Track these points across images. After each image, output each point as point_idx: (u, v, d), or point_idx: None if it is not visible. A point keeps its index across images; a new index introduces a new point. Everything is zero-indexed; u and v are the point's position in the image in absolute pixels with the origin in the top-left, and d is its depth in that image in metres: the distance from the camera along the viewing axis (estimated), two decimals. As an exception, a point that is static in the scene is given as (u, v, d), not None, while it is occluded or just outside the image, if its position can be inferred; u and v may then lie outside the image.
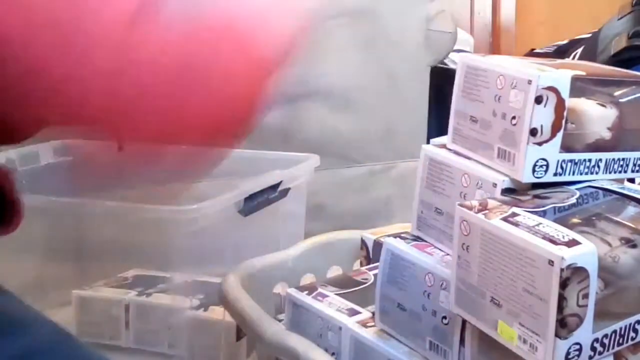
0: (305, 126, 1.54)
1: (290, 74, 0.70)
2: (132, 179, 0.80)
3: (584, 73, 0.70)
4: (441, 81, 1.74)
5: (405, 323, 0.76)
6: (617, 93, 0.72)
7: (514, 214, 0.63)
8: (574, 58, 1.89)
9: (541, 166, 0.68)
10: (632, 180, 0.78)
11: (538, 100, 0.66)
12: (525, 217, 0.62)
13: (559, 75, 0.67)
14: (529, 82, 0.67)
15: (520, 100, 0.67)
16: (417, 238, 0.79)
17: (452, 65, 1.96)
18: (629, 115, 0.72)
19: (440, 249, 0.76)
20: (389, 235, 0.93)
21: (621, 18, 1.82)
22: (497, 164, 0.70)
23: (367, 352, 0.78)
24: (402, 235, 0.80)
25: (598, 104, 0.71)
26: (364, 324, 0.80)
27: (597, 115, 0.71)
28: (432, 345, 0.73)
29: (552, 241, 0.58)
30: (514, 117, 0.68)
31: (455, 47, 1.77)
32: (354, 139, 1.58)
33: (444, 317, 0.71)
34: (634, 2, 1.81)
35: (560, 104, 0.67)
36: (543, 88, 0.66)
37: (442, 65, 1.76)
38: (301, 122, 1.54)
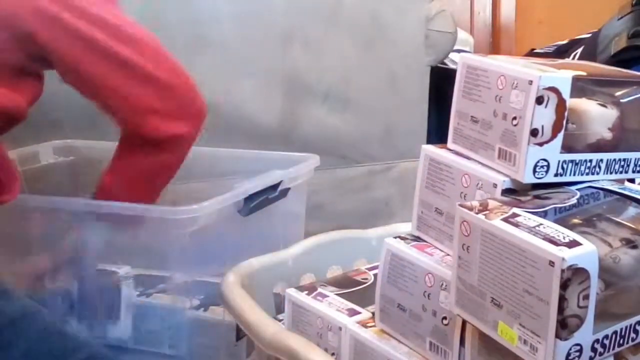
0: (305, 126, 1.54)
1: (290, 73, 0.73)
2: None
3: (584, 73, 0.69)
4: (441, 81, 1.74)
5: (405, 323, 0.76)
6: (618, 93, 0.72)
7: (515, 215, 0.63)
8: (574, 58, 1.88)
9: (542, 167, 0.68)
10: (632, 181, 0.78)
11: (539, 100, 0.66)
12: (526, 217, 0.62)
13: (560, 76, 0.67)
14: (530, 82, 0.67)
15: (521, 101, 0.67)
16: (417, 238, 0.78)
17: (452, 65, 1.95)
18: (630, 115, 0.72)
19: (440, 249, 0.76)
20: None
21: (621, 18, 1.82)
22: (498, 164, 0.70)
23: (367, 352, 0.78)
24: (402, 235, 0.80)
25: (599, 104, 0.71)
26: (364, 324, 0.80)
27: (598, 116, 0.71)
28: (432, 346, 0.73)
29: (553, 242, 0.58)
30: (514, 118, 0.68)
31: (455, 47, 1.77)
32: (354, 139, 1.58)
33: (444, 318, 0.71)
34: (634, 2, 1.80)
35: (561, 105, 0.67)
36: (544, 88, 0.66)
37: (442, 65, 1.76)
38: (301, 122, 1.54)
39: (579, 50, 1.89)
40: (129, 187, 1.03)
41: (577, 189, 0.70)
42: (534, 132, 0.67)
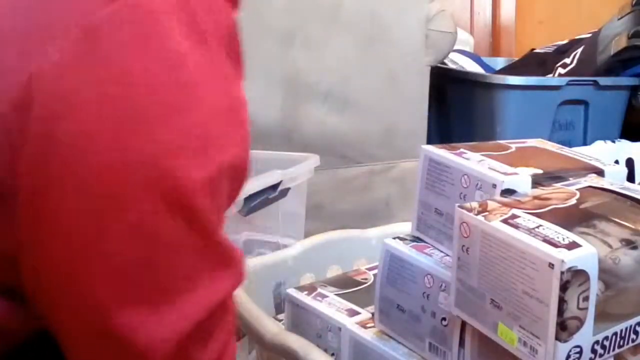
0: (305, 126, 1.54)
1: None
2: None
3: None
4: (441, 81, 1.74)
5: (404, 324, 0.76)
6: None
7: (514, 216, 0.63)
8: (574, 58, 1.88)
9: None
10: (632, 181, 0.77)
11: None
12: (525, 219, 0.62)
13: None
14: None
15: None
16: (416, 239, 0.78)
17: (452, 65, 1.96)
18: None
19: (440, 250, 0.75)
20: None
21: (621, 18, 1.82)
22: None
23: (367, 353, 0.78)
24: (402, 235, 0.80)
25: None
26: (363, 325, 0.80)
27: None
28: (432, 347, 0.73)
29: (552, 244, 0.58)
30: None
31: (455, 47, 1.77)
32: (354, 139, 1.58)
33: (444, 319, 0.71)
34: (633, 2, 1.81)
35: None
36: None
37: (442, 65, 1.76)
38: (301, 122, 1.54)
39: (579, 50, 1.89)
40: None
41: (576, 189, 0.70)
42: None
